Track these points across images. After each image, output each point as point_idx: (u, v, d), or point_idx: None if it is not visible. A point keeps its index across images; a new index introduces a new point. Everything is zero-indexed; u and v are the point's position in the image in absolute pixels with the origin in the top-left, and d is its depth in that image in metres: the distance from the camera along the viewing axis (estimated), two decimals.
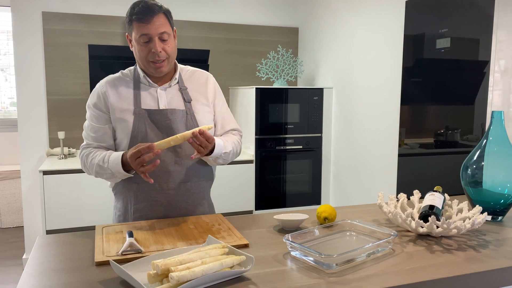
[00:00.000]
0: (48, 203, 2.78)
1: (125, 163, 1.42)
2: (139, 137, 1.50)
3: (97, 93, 1.55)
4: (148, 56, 1.48)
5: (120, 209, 1.60)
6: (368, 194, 3.05)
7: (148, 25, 1.44)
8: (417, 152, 2.78)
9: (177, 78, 1.60)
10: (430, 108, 2.76)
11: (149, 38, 1.46)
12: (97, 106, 1.54)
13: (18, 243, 3.81)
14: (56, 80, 3.27)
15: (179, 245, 1.23)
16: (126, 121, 1.51)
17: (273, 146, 3.35)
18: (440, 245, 1.27)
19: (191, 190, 1.58)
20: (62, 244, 1.28)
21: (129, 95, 1.53)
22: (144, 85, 1.56)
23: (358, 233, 1.33)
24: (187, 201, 1.57)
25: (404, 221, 1.32)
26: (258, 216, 1.57)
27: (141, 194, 1.53)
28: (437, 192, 1.47)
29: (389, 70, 2.78)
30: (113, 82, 1.56)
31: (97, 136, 1.54)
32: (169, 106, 1.55)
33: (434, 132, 2.81)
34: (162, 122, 1.52)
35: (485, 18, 2.28)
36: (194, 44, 3.60)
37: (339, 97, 3.36)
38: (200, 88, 1.63)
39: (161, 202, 1.54)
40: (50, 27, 3.22)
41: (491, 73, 2.32)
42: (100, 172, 1.49)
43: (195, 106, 1.58)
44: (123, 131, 1.51)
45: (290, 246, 1.18)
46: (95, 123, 1.54)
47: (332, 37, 3.41)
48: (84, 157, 1.54)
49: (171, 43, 1.52)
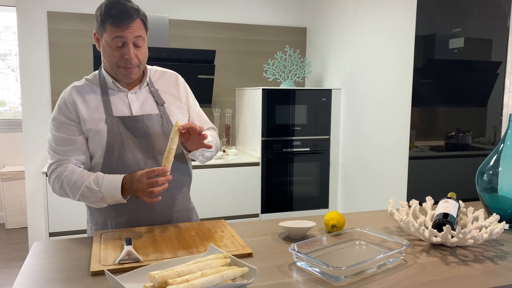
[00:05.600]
0: (51, 205, 2.74)
1: (123, 187, 1.33)
2: (115, 147, 1.40)
3: (64, 102, 1.41)
4: (119, 61, 1.37)
5: (98, 223, 1.48)
6: (377, 198, 2.98)
7: (124, 30, 1.33)
8: (427, 155, 2.71)
9: (147, 80, 1.51)
10: (440, 110, 2.68)
11: (123, 42, 1.35)
12: (67, 116, 1.40)
13: (22, 244, 3.79)
14: (61, 80, 3.24)
15: (179, 253, 1.17)
16: (99, 131, 1.39)
17: (280, 148, 3.28)
18: (455, 255, 1.20)
19: (174, 197, 1.51)
20: (59, 251, 1.23)
21: (99, 103, 1.42)
22: (112, 91, 1.45)
23: (368, 242, 1.27)
24: (171, 209, 1.50)
25: (417, 230, 1.25)
26: (263, 223, 1.51)
27: (122, 206, 1.42)
28: (451, 199, 1.40)
29: (400, 71, 2.70)
30: (79, 90, 1.43)
31: (71, 149, 1.39)
32: (142, 111, 1.46)
33: (445, 134, 2.74)
34: (138, 129, 1.43)
35: (500, 18, 2.20)
36: (200, 44, 3.55)
37: (348, 98, 3.29)
38: (171, 89, 1.55)
39: (144, 212, 1.45)
40: (55, 27, 3.19)
41: (507, 75, 2.24)
42: (86, 195, 1.34)
43: (168, 109, 1.50)
44: (97, 142, 1.40)
45: (296, 257, 1.12)
46: (67, 135, 1.39)
47: (341, 37, 3.34)
48: (64, 178, 1.36)
49: (144, 50, 1.42)
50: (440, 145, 2.75)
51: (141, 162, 1.42)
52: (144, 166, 1.41)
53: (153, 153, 1.44)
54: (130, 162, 1.41)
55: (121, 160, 1.40)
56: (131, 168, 1.40)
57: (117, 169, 1.40)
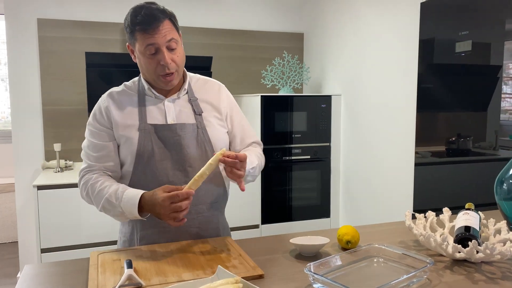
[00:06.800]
0: (43, 220, 2.62)
1: (142, 205, 1.25)
2: (145, 156, 1.34)
3: (99, 108, 1.39)
4: (157, 69, 1.32)
5: (126, 234, 1.44)
6: (380, 206, 2.90)
7: (154, 35, 1.27)
8: (429, 161, 2.64)
9: (186, 88, 1.44)
10: (441, 115, 2.62)
11: (156, 49, 1.30)
12: (100, 122, 1.38)
13: (13, 259, 3.65)
14: (52, 89, 3.13)
15: (184, 276, 1.08)
16: (131, 138, 1.35)
17: (280, 156, 3.20)
18: (482, 273, 1.12)
19: (203, 213, 1.42)
20: (52, 276, 1.13)
21: (134, 110, 1.38)
22: (149, 98, 1.40)
23: (387, 259, 1.18)
24: (199, 226, 1.41)
25: (440, 245, 1.17)
26: (271, 239, 1.41)
27: (148, 219, 1.35)
28: (471, 211, 1.32)
29: (403, 75, 2.63)
30: (116, 96, 1.40)
31: (101, 155, 1.36)
32: (177, 119, 1.39)
33: (445, 139, 2.68)
34: (170, 139, 1.36)
35: (497, 22, 2.16)
36: (196, 50, 3.47)
37: (348, 104, 3.22)
38: (212, 99, 1.47)
39: (169, 228, 1.38)
40: (45, 34, 3.09)
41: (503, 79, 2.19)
42: (107, 208, 1.30)
43: (206, 119, 1.42)
44: (127, 149, 1.35)
45: (312, 278, 1.03)
46: (98, 141, 1.37)
47: (340, 42, 3.27)
48: (89, 186, 1.33)
49: (180, 52, 1.36)
50: (440, 150, 2.69)
51: (170, 173, 1.35)
52: (172, 178, 1.35)
53: (183, 164, 1.36)
54: (159, 172, 1.35)
55: (149, 170, 1.35)
56: (160, 179, 1.34)
57: (145, 179, 1.34)
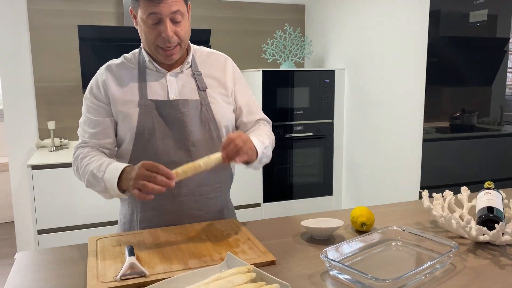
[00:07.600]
0: (39, 200, 2.54)
1: (124, 179, 1.14)
2: (146, 134, 1.25)
3: (96, 82, 1.30)
4: (156, 40, 1.21)
5: (126, 216, 1.36)
6: (385, 182, 2.83)
7: (158, 4, 1.16)
8: (434, 137, 2.57)
9: (190, 61, 1.33)
10: (445, 90, 2.54)
11: (159, 19, 1.19)
12: (96, 97, 1.28)
13: (10, 240, 3.59)
14: (44, 65, 3.00)
15: (190, 263, 1.00)
16: (130, 115, 1.25)
17: (281, 133, 3.11)
18: (507, 256, 1.05)
19: (207, 195, 1.33)
20: (49, 263, 1.05)
21: (133, 84, 1.28)
22: (150, 71, 1.30)
23: (405, 243, 1.11)
24: (202, 209, 1.33)
25: (463, 228, 1.09)
26: (280, 221, 1.34)
27: (148, 201, 1.27)
28: (492, 190, 1.25)
29: (411, 48, 2.52)
30: (115, 68, 1.30)
31: (96, 132, 1.28)
32: (180, 95, 1.29)
33: (449, 115, 2.61)
34: (172, 115, 1.26)
35: None
36: (194, 23, 3.32)
37: (352, 79, 3.11)
38: (217, 73, 1.36)
39: (171, 210, 1.30)
40: (35, 7, 2.94)
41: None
42: (92, 182, 1.20)
43: (210, 95, 1.32)
44: (126, 126, 1.26)
45: (329, 265, 0.95)
46: (94, 116, 1.28)
47: (343, 13, 3.14)
48: (79, 160, 1.25)
49: (185, 25, 1.24)
50: (444, 126, 2.62)
51: (171, 153, 1.26)
52: (174, 157, 1.26)
53: (186, 143, 1.27)
54: (160, 151, 1.25)
55: (150, 149, 1.25)
56: (161, 158, 1.24)
57: (145, 158, 1.22)
